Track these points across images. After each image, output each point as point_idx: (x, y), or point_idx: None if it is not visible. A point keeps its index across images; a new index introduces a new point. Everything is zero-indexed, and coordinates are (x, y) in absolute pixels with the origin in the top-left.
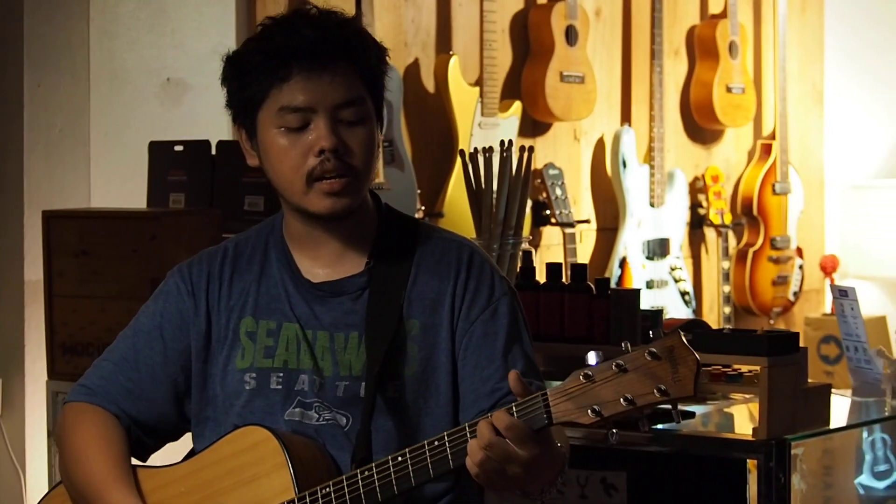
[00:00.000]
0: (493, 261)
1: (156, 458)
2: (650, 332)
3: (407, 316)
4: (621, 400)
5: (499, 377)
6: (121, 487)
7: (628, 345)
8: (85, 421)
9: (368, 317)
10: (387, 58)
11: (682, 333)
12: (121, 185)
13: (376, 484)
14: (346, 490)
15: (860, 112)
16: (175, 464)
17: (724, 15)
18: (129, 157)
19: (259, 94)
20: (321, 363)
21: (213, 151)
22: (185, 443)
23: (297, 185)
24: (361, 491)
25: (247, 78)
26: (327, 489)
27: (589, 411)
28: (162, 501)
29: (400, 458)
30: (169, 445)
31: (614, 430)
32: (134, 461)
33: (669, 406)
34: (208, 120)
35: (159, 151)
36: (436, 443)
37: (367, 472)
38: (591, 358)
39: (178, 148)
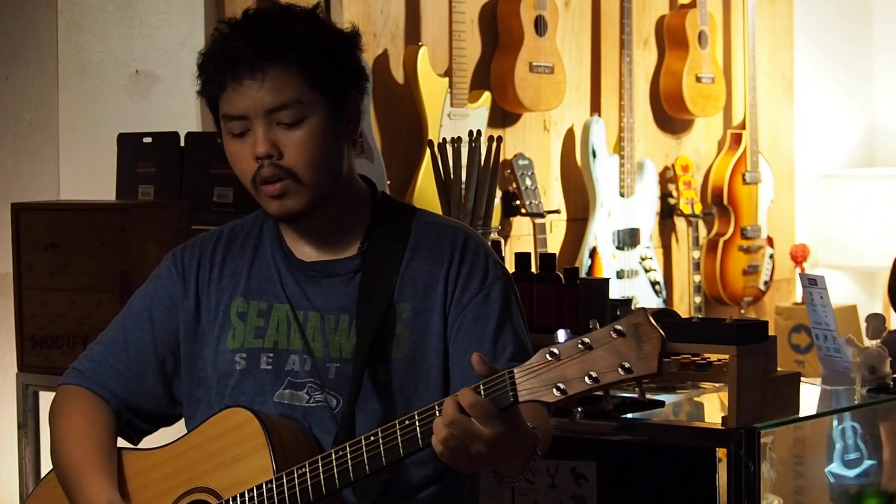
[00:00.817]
0: (488, 246)
1: (150, 442)
2: (617, 311)
3: (398, 300)
4: (586, 378)
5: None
6: (98, 475)
7: (596, 323)
8: (72, 405)
9: (360, 300)
10: (353, 49)
11: (647, 311)
12: (90, 178)
13: (349, 464)
14: (320, 470)
15: (830, 101)
16: (162, 446)
17: (693, 5)
18: (97, 149)
19: (211, 101)
20: (312, 344)
21: (182, 143)
22: (180, 427)
23: (250, 187)
24: (335, 471)
25: (201, 84)
26: (303, 469)
27: (554, 389)
28: (147, 484)
29: (372, 438)
30: (164, 429)
31: (579, 409)
32: (122, 443)
33: (634, 385)
34: (177, 112)
35: (128, 143)
36: (406, 422)
37: (340, 452)
38: (561, 336)
39: (147, 140)
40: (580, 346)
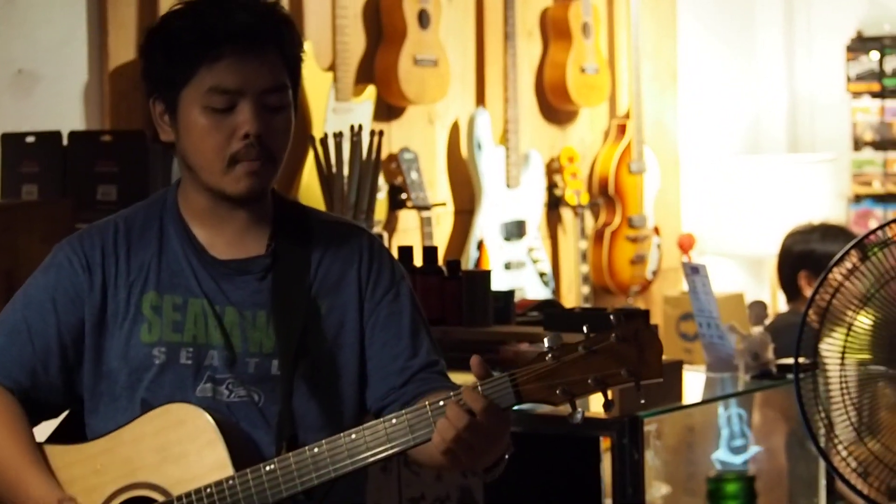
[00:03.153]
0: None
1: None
2: (611, 317)
3: (313, 297)
4: (590, 380)
5: (408, 355)
6: (38, 472)
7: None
8: None
9: (274, 297)
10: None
11: (644, 317)
12: None
13: (328, 459)
14: (293, 466)
15: (715, 90)
16: (85, 442)
17: None
18: None
19: (187, 72)
20: (232, 339)
21: (65, 142)
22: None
23: (216, 165)
24: (312, 467)
25: (175, 54)
26: (272, 466)
27: (558, 391)
28: (72, 480)
29: (354, 435)
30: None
31: (580, 410)
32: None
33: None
34: (60, 111)
35: (11, 143)
36: (393, 420)
37: (316, 449)
38: (548, 342)
39: (30, 139)
40: (582, 349)
